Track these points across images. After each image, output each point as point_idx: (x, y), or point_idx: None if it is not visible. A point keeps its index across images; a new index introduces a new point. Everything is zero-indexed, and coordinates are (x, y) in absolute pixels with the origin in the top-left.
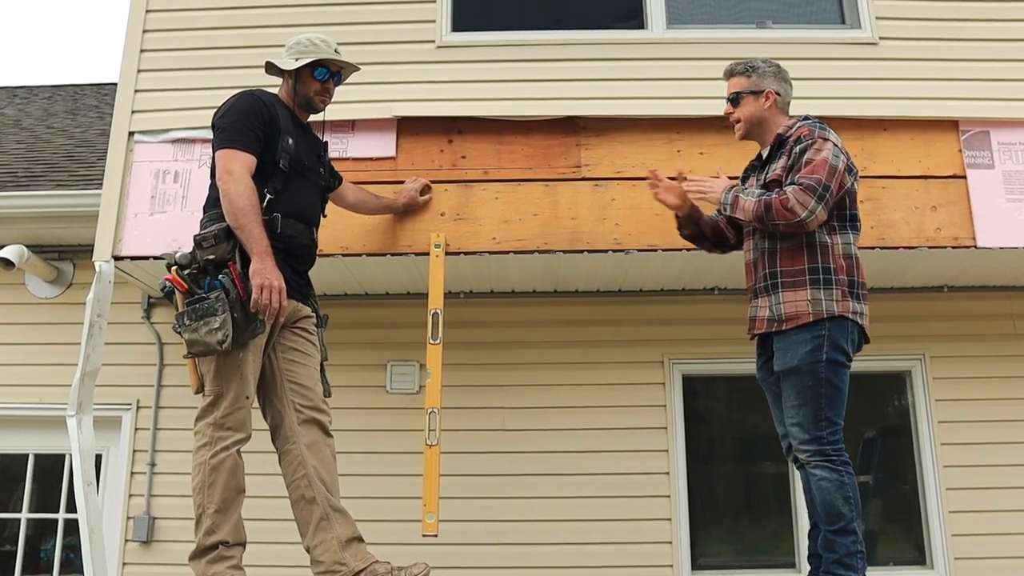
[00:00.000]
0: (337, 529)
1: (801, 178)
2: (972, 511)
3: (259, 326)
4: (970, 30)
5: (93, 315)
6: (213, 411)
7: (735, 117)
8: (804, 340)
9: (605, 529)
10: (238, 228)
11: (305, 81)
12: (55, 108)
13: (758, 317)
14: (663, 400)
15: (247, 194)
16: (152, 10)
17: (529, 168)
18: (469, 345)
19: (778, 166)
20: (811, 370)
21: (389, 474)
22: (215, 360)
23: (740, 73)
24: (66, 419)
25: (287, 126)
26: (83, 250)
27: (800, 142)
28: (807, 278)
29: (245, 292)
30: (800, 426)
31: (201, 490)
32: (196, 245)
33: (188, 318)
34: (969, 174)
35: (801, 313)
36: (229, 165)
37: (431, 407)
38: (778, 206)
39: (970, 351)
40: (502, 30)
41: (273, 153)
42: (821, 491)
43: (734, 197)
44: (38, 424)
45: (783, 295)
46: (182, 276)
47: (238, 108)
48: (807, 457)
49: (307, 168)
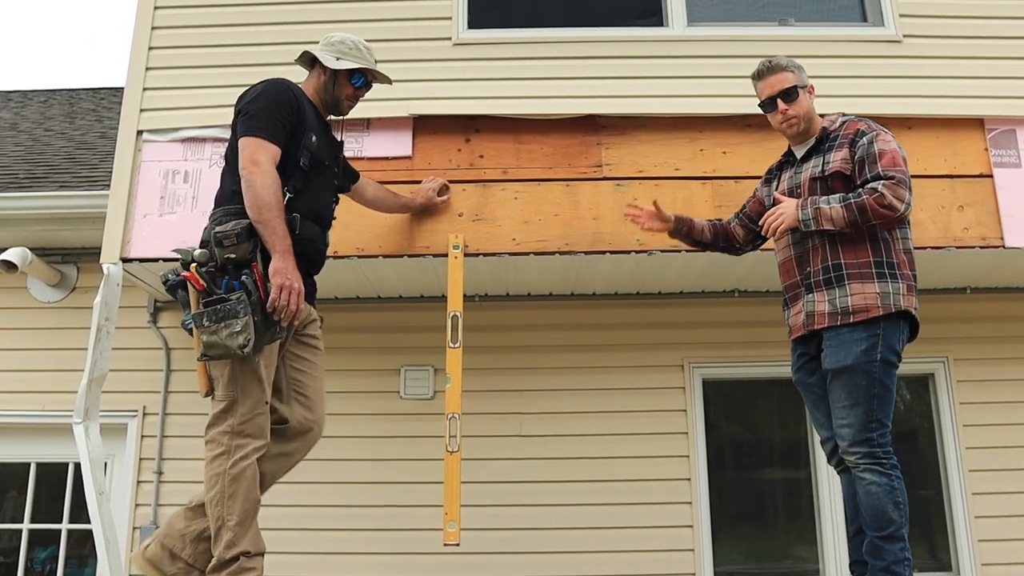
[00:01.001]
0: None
1: (888, 171)
2: (999, 516)
3: (279, 331)
4: (995, 27)
5: (101, 319)
6: (228, 418)
7: (793, 112)
8: (859, 339)
9: (626, 537)
10: (261, 223)
11: (341, 83)
12: (52, 112)
13: (816, 312)
14: (683, 405)
15: (274, 188)
16: (161, 7)
17: (549, 167)
18: (485, 349)
19: (837, 159)
20: (865, 369)
21: (403, 482)
22: (230, 364)
23: (785, 69)
24: (73, 426)
25: (312, 123)
26: (87, 253)
27: (862, 135)
28: (873, 271)
29: (266, 295)
30: (851, 427)
31: (220, 502)
32: (215, 243)
33: (208, 319)
34: (996, 173)
35: (870, 306)
36: (256, 155)
37: (451, 412)
38: (874, 205)
39: (995, 353)
40: (519, 27)
41: (295, 150)
42: (870, 495)
43: (815, 211)
44: (40, 432)
45: (850, 287)
46: (200, 274)
47: (268, 95)
48: (856, 460)
49: (326, 168)
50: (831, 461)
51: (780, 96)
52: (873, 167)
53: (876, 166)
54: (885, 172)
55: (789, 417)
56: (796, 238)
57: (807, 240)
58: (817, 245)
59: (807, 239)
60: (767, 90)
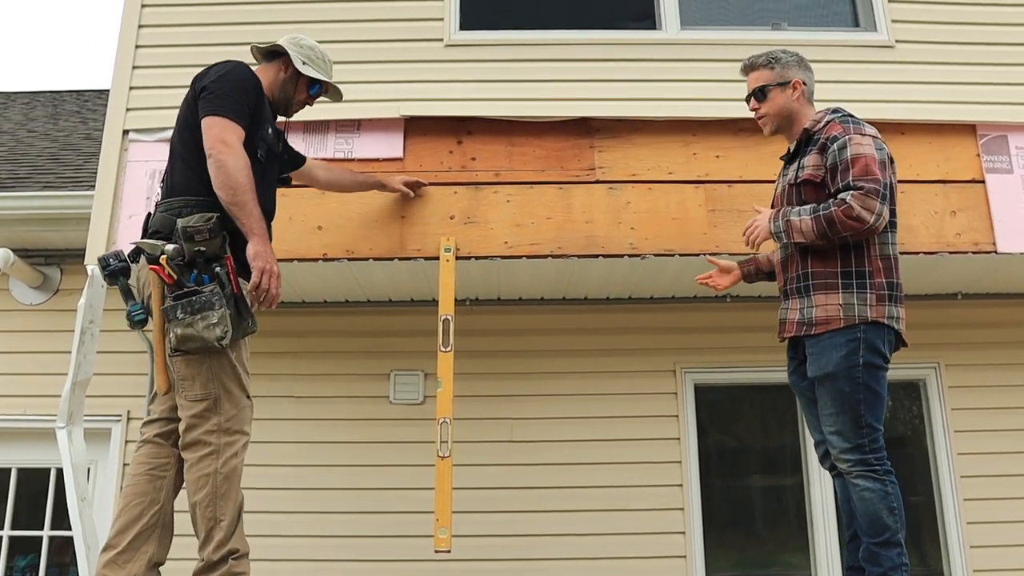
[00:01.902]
0: None
1: (858, 180)
2: (991, 522)
3: (251, 324)
4: (987, 34)
5: (85, 321)
6: (213, 416)
7: (762, 112)
8: (839, 344)
9: (617, 543)
10: (236, 205)
11: (300, 87)
12: (35, 113)
13: (788, 320)
14: (675, 410)
15: (246, 169)
16: (148, 5)
17: (541, 170)
18: (475, 354)
19: (808, 165)
20: (848, 375)
21: (394, 488)
22: (207, 362)
23: (763, 66)
24: (56, 431)
25: (267, 114)
26: (71, 254)
27: (835, 139)
28: (839, 281)
29: (238, 288)
30: (840, 435)
31: (212, 502)
32: (185, 237)
33: (183, 311)
34: (988, 179)
35: (832, 318)
36: (225, 135)
37: (443, 417)
38: (842, 218)
39: (986, 359)
40: (511, 29)
41: (254, 141)
42: (864, 502)
43: (785, 223)
44: (22, 436)
45: (815, 298)
46: (172, 267)
47: (234, 78)
48: (848, 467)
49: (277, 159)
50: (824, 464)
51: (752, 94)
52: (845, 175)
53: (848, 174)
54: (855, 182)
55: (782, 423)
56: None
57: (788, 245)
58: (793, 252)
59: (788, 244)
60: (747, 88)
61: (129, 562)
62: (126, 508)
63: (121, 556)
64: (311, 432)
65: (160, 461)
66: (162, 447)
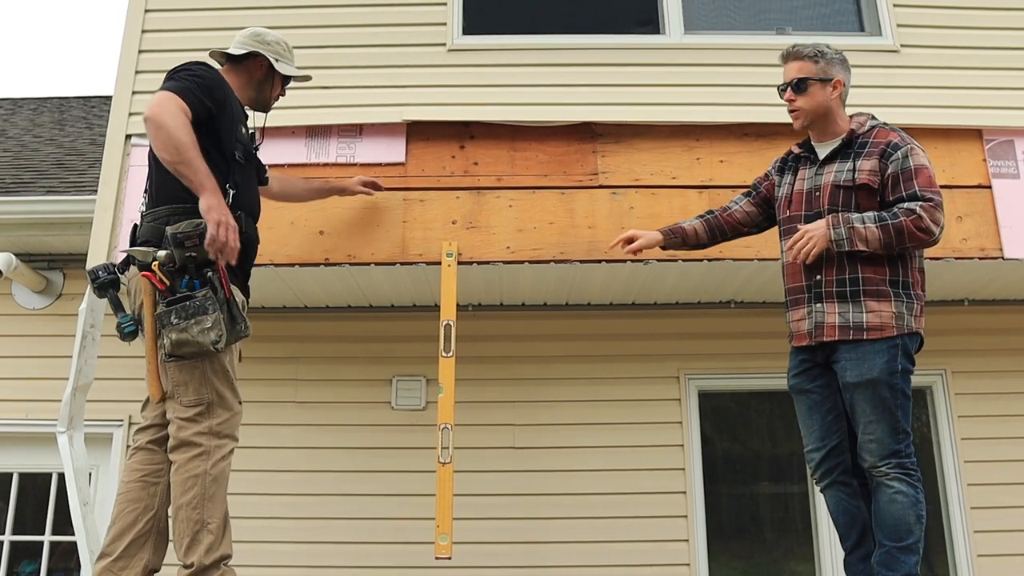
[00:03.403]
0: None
1: (925, 191)
2: (998, 531)
3: (244, 329)
4: (993, 38)
5: (86, 325)
6: (204, 420)
7: (797, 105)
8: (881, 350)
9: (620, 551)
10: (182, 163)
11: (276, 85)
12: (41, 119)
13: (826, 324)
14: (679, 417)
15: (187, 127)
16: (151, 10)
17: (544, 175)
18: (478, 359)
19: (865, 169)
20: (889, 382)
21: (394, 494)
22: (200, 367)
23: (808, 57)
24: (57, 436)
25: (238, 114)
26: (74, 259)
27: (896, 147)
28: (890, 290)
29: (231, 292)
30: (878, 442)
31: (200, 504)
32: (175, 243)
33: (177, 316)
34: (994, 184)
35: (886, 325)
36: (163, 101)
37: (444, 423)
38: (912, 229)
39: (993, 366)
40: (514, 34)
41: (230, 143)
42: (894, 504)
43: (848, 230)
44: (24, 441)
45: (866, 303)
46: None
47: (198, 73)
48: (887, 470)
49: (254, 159)
50: (815, 474)
51: (790, 84)
52: (909, 185)
53: (912, 184)
54: (922, 193)
55: (787, 430)
56: (843, 250)
57: None
58: (833, 254)
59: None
60: (785, 76)
61: (125, 569)
62: (120, 515)
63: (117, 563)
64: (312, 437)
65: (153, 467)
66: (155, 453)
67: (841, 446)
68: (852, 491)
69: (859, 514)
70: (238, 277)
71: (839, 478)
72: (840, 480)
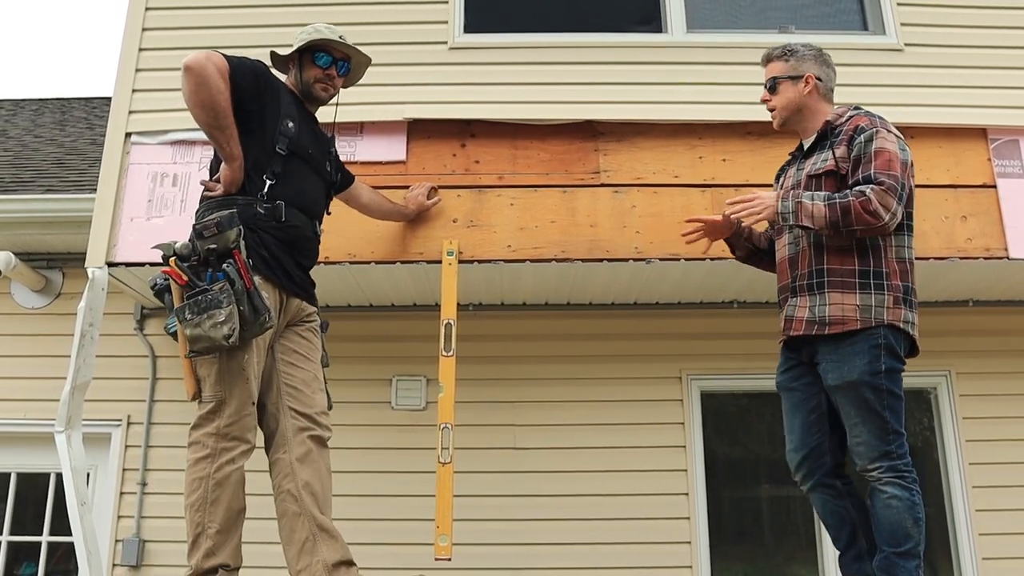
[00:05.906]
0: (324, 552)
1: (879, 174)
2: (1003, 533)
3: (268, 319)
4: (998, 37)
5: (85, 324)
6: (215, 419)
7: (771, 105)
8: (861, 351)
9: (622, 553)
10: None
11: (307, 67)
12: (43, 120)
13: (795, 318)
14: (681, 417)
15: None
16: (152, 8)
17: (546, 174)
18: (479, 359)
19: (830, 156)
20: (872, 383)
21: (394, 494)
22: (217, 363)
23: (777, 58)
24: (55, 436)
25: (289, 110)
26: (73, 258)
27: (862, 131)
28: (856, 280)
29: (251, 282)
30: (866, 445)
31: (201, 507)
32: (196, 235)
33: (189, 312)
34: (999, 183)
35: (848, 318)
36: (208, 55)
37: (444, 423)
38: (859, 209)
39: (998, 367)
40: (516, 32)
41: (272, 135)
42: (890, 509)
43: (795, 204)
44: (21, 441)
45: (830, 296)
46: (181, 268)
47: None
48: (879, 474)
49: (311, 157)
50: (795, 476)
51: (765, 86)
52: (867, 167)
53: (870, 167)
54: (876, 176)
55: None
56: (792, 238)
57: (800, 241)
58: (806, 247)
59: (800, 240)
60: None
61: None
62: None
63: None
64: None
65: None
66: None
67: (821, 448)
68: (836, 492)
69: (846, 514)
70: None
71: (821, 480)
72: (823, 482)
